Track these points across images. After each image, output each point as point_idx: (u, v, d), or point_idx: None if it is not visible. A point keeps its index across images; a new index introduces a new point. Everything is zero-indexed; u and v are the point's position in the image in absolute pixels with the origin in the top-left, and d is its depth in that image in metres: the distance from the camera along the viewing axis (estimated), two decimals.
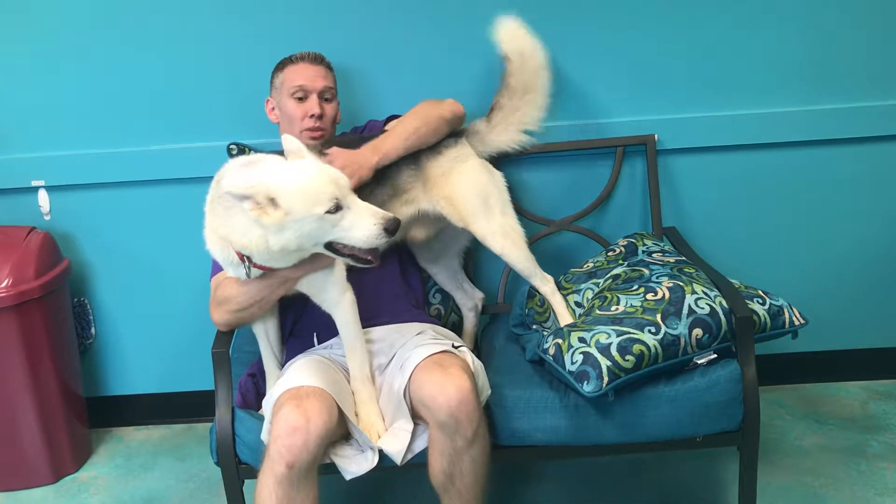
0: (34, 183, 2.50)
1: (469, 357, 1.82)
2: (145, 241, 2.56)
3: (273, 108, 2.16)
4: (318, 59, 2.13)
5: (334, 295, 1.83)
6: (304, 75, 2.09)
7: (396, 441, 1.76)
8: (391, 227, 1.64)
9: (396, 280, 2.12)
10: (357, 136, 2.08)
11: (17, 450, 2.41)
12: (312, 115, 2.06)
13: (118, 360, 2.69)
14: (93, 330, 2.65)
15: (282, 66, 2.13)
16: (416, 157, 2.05)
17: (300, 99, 2.08)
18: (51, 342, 2.39)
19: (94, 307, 2.64)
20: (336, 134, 2.19)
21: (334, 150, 1.94)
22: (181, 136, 2.44)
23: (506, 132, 2.17)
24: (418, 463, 1.80)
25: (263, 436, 1.78)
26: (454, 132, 2.14)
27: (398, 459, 1.77)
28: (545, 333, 2.01)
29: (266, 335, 1.99)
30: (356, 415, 1.81)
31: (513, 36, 2.12)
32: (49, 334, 2.38)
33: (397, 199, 2.03)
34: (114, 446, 2.65)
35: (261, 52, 2.35)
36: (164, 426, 2.73)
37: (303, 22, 2.36)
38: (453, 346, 1.84)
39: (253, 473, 1.85)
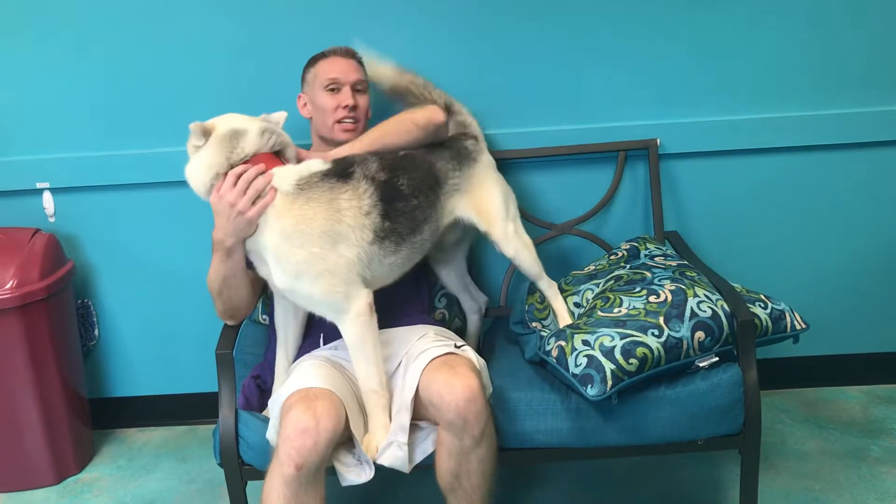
0: (39, 185, 2.51)
1: (473, 356, 1.84)
2: (149, 244, 2.57)
3: (305, 104, 2.17)
4: (349, 53, 2.15)
5: (330, 314, 1.84)
6: (337, 68, 2.11)
7: (396, 459, 1.77)
8: None
9: (409, 284, 2.13)
10: None
11: (20, 451, 2.41)
12: (346, 106, 2.07)
13: (121, 361, 2.70)
14: (96, 331, 2.66)
15: (314, 61, 2.15)
16: (459, 165, 2.06)
17: (333, 91, 2.09)
18: (55, 343, 2.39)
19: (98, 309, 2.65)
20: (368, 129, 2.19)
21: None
22: (186, 138, 2.44)
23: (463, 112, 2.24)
24: (424, 465, 1.82)
25: (269, 435, 1.79)
26: (471, 136, 2.15)
27: (405, 470, 1.78)
28: (543, 334, 2.02)
29: (285, 334, 2.01)
30: (363, 421, 1.83)
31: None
32: (53, 335, 2.39)
33: (440, 202, 2.02)
34: (116, 447, 2.65)
35: (268, 53, 2.37)
36: (167, 427, 2.74)
37: (308, 23, 2.37)
38: (456, 346, 1.85)
39: (255, 475, 1.86)
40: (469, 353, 1.84)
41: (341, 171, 1.84)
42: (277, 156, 1.87)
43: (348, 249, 1.80)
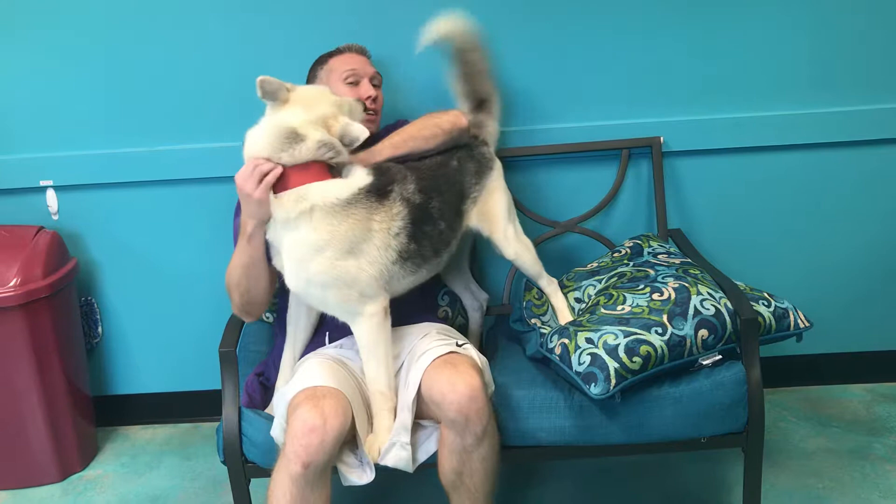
0: (42, 183, 2.51)
1: (475, 354, 1.84)
2: (153, 241, 2.57)
3: None
4: (362, 50, 2.16)
5: (343, 316, 1.84)
6: (353, 62, 2.11)
7: (399, 460, 1.77)
8: None
9: (416, 285, 2.13)
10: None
11: (24, 448, 2.42)
12: (368, 97, 2.07)
13: (125, 359, 2.70)
14: (100, 329, 2.66)
15: (325, 58, 2.14)
16: (479, 178, 2.05)
17: (352, 83, 2.08)
18: (58, 341, 2.40)
19: (102, 306, 2.65)
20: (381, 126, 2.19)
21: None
22: (189, 136, 2.45)
23: (496, 119, 2.19)
24: (427, 463, 1.82)
25: (274, 433, 1.79)
26: (482, 141, 2.13)
27: (409, 470, 1.78)
28: (544, 331, 2.02)
29: (296, 330, 2.01)
30: (367, 420, 1.83)
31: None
32: (56, 333, 2.39)
33: (463, 219, 2.03)
34: (120, 445, 2.66)
35: (270, 50, 2.37)
36: (171, 425, 2.74)
37: (309, 22, 2.37)
38: (458, 344, 1.86)
39: (259, 472, 1.86)
40: (471, 351, 1.85)
41: (380, 189, 1.82)
42: (329, 168, 1.82)
43: (370, 266, 1.79)
